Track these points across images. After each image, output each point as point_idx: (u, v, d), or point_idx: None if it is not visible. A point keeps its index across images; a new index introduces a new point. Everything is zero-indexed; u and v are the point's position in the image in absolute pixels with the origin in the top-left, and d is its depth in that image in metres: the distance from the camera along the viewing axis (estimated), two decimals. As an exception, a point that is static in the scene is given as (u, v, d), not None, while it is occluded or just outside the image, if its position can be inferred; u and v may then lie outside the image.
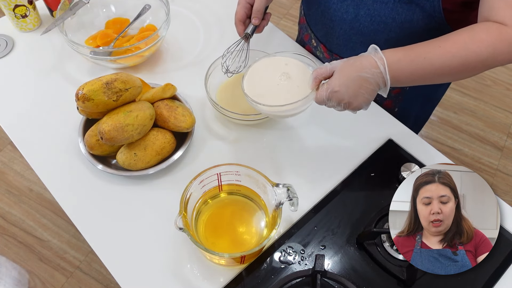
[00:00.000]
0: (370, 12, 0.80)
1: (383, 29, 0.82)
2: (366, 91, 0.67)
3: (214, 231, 0.72)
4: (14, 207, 1.67)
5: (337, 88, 0.67)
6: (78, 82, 0.93)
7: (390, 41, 0.83)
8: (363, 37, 0.85)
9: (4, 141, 1.84)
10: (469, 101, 2.01)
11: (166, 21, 0.92)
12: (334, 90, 0.67)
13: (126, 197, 0.79)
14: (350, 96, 0.67)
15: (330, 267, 0.72)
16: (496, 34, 0.63)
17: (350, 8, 0.82)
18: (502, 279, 0.71)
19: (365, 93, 0.67)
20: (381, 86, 0.67)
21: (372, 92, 0.68)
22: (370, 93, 0.67)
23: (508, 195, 1.75)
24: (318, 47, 0.98)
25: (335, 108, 0.71)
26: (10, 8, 0.97)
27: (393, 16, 0.79)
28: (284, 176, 0.82)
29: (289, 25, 2.28)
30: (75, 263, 1.55)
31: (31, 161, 0.84)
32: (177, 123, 0.80)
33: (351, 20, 0.84)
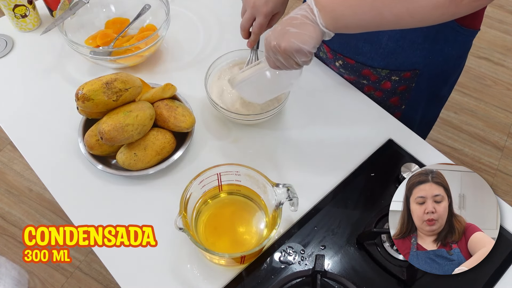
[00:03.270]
0: None
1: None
2: (294, 27, 0.63)
3: (214, 231, 0.72)
4: (14, 207, 1.67)
5: (266, 36, 0.67)
6: (78, 82, 0.93)
7: (394, 36, 0.83)
8: (366, 34, 0.85)
9: (4, 141, 1.84)
10: (469, 101, 2.01)
11: (166, 21, 0.92)
12: (265, 37, 0.67)
13: (126, 197, 0.79)
14: (277, 37, 0.65)
15: (330, 267, 0.72)
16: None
17: None
18: (502, 279, 0.71)
19: (294, 29, 0.63)
20: (312, 21, 0.63)
21: (303, 27, 0.63)
22: (300, 27, 0.63)
23: (508, 195, 1.75)
24: (321, 47, 0.98)
25: (281, 62, 0.68)
26: (10, 8, 0.97)
27: None
28: (284, 176, 0.82)
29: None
30: (75, 263, 1.55)
31: (31, 161, 0.84)
32: (177, 123, 0.80)
33: None
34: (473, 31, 0.85)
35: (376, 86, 0.94)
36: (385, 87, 0.94)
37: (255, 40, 0.84)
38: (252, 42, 0.85)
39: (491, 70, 2.11)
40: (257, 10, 0.79)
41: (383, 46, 0.85)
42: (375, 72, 0.91)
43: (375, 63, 0.90)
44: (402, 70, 0.89)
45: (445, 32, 0.82)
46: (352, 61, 0.92)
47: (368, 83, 0.95)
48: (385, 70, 0.90)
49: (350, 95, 0.94)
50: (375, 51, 0.87)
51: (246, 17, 0.81)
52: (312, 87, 0.95)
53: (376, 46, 0.86)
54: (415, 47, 0.84)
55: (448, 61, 0.90)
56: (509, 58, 2.15)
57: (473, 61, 2.13)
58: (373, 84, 0.94)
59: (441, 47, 0.85)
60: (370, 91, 0.95)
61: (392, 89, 0.94)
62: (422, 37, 0.82)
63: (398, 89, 0.94)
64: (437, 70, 0.91)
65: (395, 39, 0.84)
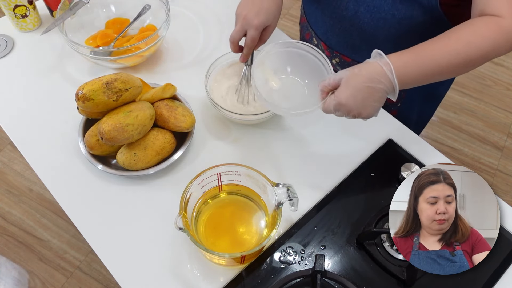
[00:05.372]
0: (370, 8, 0.80)
1: (383, 26, 0.82)
2: (375, 100, 0.66)
3: (214, 231, 0.72)
4: (14, 207, 1.67)
5: (344, 101, 0.66)
6: (78, 82, 0.93)
7: (390, 37, 0.83)
8: (364, 33, 0.85)
9: (4, 141, 1.84)
10: (469, 101, 2.01)
11: (166, 21, 0.92)
12: (341, 103, 0.66)
13: (126, 197, 0.79)
14: (359, 107, 0.66)
15: (330, 267, 0.72)
16: (495, 27, 0.64)
17: (350, 5, 0.83)
18: (502, 279, 0.71)
19: (374, 102, 0.66)
20: (389, 92, 0.67)
21: (381, 99, 0.67)
22: (379, 100, 0.67)
23: (508, 195, 1.75)
24: (319, 45, 0.99)
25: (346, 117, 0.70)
26: (10, 8, 0.97)
27: (393, 12, 0.79)
28: (284, 176, 0.82)
29: (289, 25, 2.28)
30: (75, 263, 1.55)
31: (31, 161, 0.84)
32: (177, 123, 0.80)
33: (351, 17, 0.84)
34: None
35: None
36: None
37: (247, 54, 0.82)
38: (245, 56, 0.83)
39: (491, 70, 2.11)
40: (248, 23, 0.78)
41: (379, 45, 0.85)
42: None
43: None
44: None
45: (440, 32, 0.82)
46: (348, 59, 0.93)
47: None
48: None
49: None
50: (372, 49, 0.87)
51: (236, 30, 0.79)
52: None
53: (373, 45, 0.86)
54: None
55: None
56: (509, 58, 2.15)
57: (473, 61, 2.13)
58: None
59: None
60: None
61: None
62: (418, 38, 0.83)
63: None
64: None
65: (391, 39, 0.84)
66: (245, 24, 0.78)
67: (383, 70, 0.65)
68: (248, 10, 0.78)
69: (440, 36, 0.67)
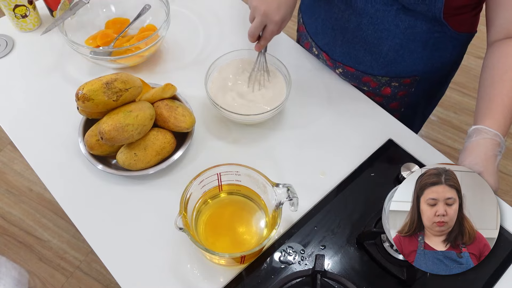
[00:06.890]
0: (373, 20, 0.80)
1: (386, 36, 0.81)
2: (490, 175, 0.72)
3: (214, 231, 0.72)
4: (14, 207, 1.67)
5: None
6: (78, 82, 0.93)
7: (394, 47, 0.83)
8: (367, 44, 0.85)
9: (4, 141, 1.84)
10: (469, 101, 2.01)
11: (166, 21, 0.92)
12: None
13: (126, 197, 0.79)
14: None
15: (330, 267, 0.72)
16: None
17: (352, 17, 0.82)
18: (502, 279, 0.71)
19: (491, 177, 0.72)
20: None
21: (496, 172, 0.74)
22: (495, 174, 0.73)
23: (508, 195, 1.75)
24: (320, 55, 0.98)
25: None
26: (10, 8, 0.97)
27: (396, 23, 0.78)
28: (284, 176, 0.82)
29: (289, 25, 2.28)
30: (75, 263, 1.55)
31: (31, 161, 0.84)
32: (177, 123, 0.80)
33: (353, 29, 0.84)
34: (470, 34, 0.85)
35: (376, 92, 0.95)
36: (385, 93, 0.94)
37: (264, 45, 0.83)
38: (261, 46, 0.84)
39: (491, 70, 2.11)
40: (269, 18, 0.78)
41: (384, 55, 0.85)
42: (375, 79, 0.91)
43: (375, 72, 0.90)
44: (402, 77, 0.90)
45: (443, 39, 0.82)
46: (352, 69, 0.92)
47: (368, 89, 0.95)
48: (385, 78, 0.90)
49: (350, 95, 0.94)
50: (376, 60, 0.87)
51: (256, 25, 0.79)
52: (312, 87, 0.95)
53: (377, 56, 0.86)
54: (414, 56, 0.84)
55: (446, 65, 0.91)
56: (509, 58, 2.15)
57: (473, 61, 2.13)
58: (373, 90, 0.95)
59: (440, 53, 0.85)
60: (370, 96, 0.95)
61: (392, 95, 0.94)
62: (421, 46, 0.83)
63: (398, 94, 0.94)
64: (435, 74, 0.91)
65: (396, 49, 0.84)
66: (265, 19, 0.78)
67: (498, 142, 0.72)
68: (268, 4, 0.77)
69: (503, 80, 0.71)
